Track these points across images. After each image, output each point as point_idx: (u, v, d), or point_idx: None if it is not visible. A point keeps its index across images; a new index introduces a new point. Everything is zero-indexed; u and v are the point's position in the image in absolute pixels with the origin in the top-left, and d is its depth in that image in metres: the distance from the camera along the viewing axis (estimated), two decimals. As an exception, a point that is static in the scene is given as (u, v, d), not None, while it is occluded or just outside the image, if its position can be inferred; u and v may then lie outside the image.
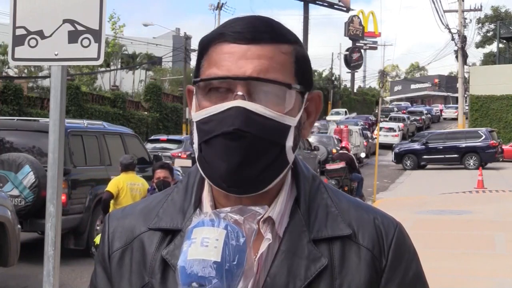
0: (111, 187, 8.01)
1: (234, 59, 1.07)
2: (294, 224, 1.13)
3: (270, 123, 1.07)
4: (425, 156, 28.80)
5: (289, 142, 1.10)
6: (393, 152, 30.03)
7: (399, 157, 29.22)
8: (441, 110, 62.49)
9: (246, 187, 1.08)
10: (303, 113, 1.15)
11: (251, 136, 1.05)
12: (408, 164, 28.77)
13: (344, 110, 52.90)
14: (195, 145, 1.11)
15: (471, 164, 27.50)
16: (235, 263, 1.00)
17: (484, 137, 28.20)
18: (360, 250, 1.13)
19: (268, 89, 1.07)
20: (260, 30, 1.09)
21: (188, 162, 18.31)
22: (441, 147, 28.57)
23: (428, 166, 28.99)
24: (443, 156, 28.36)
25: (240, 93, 1.06)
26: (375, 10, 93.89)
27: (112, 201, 7.92)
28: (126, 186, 7.99)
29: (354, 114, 51.27)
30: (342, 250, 1.12)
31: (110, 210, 7.24)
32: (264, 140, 1.07)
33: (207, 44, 1.12)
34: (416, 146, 29.75)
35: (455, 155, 28.08)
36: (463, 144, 28.24)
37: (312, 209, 1.15)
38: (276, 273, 1.09)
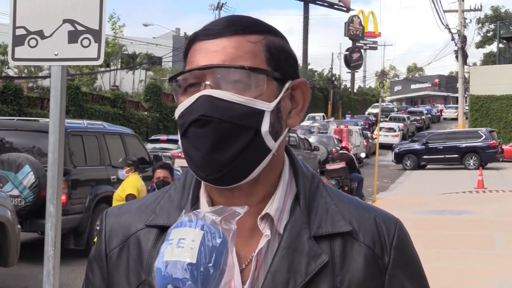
0: (133, 190, 7.76)
1: (204, 54, 1.11)
2: (295, 221, 1.13)
3: (238, 108, 1.07)
4: (425, 156, 28.80)
5: (265, 127, 1.09)
6: (393, 152, 30.03)
7: (399, 157, 29.22)
8: (441, 110, 62.48)
9: (224, 174, 1.08)
10: (288, 101, 1.15)
11: (217, 120, 1.07)
12: (408, 164, 28.77)
13: (321, 114, 51.25)
14: (179, 143, 1.14)
15: (471, 164, 27.49)
16: (211, 264, 0.98)
17: (484, 137, 28.20)
18: (361, 248, 1.13)
19: (235, 76, 1.09)
20: (228, 24, 1.13)
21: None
22: (441, 147, 28.57)
23: (428, 166, 28.99)
24: (443, 156, 28.36)
25: (207, 82, 1.09)
26: (374, 10, 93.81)
27: None
28: (141, 187, 7.92)
29: (332, 119, 50.05)
30: (343, 247, 1.13)
31: None
32: (232, 124, 1.07)
33: (187, 48, 1.17)
34: (416, 146, 29.74)
35: (455, 155, 28.08)
36: (463, 144, 28.24)
37: (312, 207, 1.15)
38: (277, 270, 1.10)
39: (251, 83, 1.09)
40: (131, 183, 7.91)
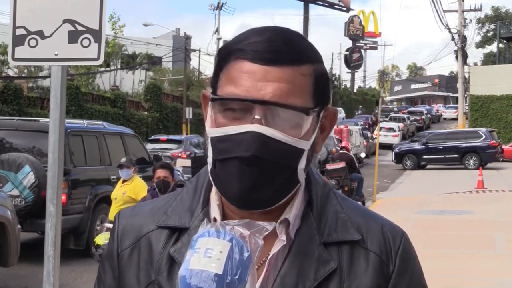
0: (145, 192, 7.80)
1: (253, 81, 1.07)
2: (306, 227, 1.15)
3: (286, 148, 1.08)
4: (425, 156, 28.81)
5: (302, 165, 1.11)
6: (393, 152, 30.04)
7: (399, 157, 29.23)
8: (437, 110, 62.44)
9: (256, 206, 1.10)
10: (318, 130, 1.15)
11: (266, 161, 1.06)
12: (408, 164, 28.78)
13: None
14: (210, 159, 1.12)
15: (471, 164, 27.49)
16: (236, 277, 0.99)
17: (484, 137, 28.20)
18: (368, 255, 1.16)
19: (286, 114, 1.07)
20: (280, 50, 1.08)
21: (189, 162, 18.34)
22: (441, 147, 28.57)
23: (428, 166, 28.99)
24: (443, 156, 28.36)
25: (257, 117, 1.06)
26: (374, 10, 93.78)
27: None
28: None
29: (359, 111, 50.35)
30: (350, 254, 1.15)
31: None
32: (278, 164, 1.08)
33: (225, 57, 1.12)
34: (416, 146, 29.75)
35: (455, 155, 28.08)
36: (463, 144, 28.23)
37: (323, 214, 1.17)
38: (286, 274, 1.12)
39: (301, 123, 1.09)
40: (142, 184, 8.10)
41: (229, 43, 1.13)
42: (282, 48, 1.08)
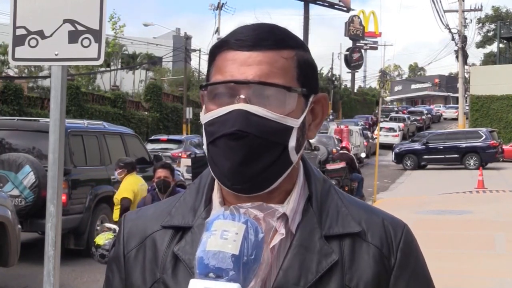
0: (128, 193, 7.85)
1: (237, 66, 1.14)
2: (307, 221, 1.18)
3: (271, 124, 1.12)
4: (425, 156, 28.79)
5: (292, 143, 1.15)
6: (393, 152, 30.03)
7: (400, 157, 29.22)
8: (437, 111, 62.37)
9: (250, 185, 1.13)
10: (308, 115, 1.20)
11: (251, 136, 1.11)
12: (408, 164, 28.77)
13: None
14: (204, 146, 1.17)
15: (472, 164, 27.48)
16: (252, 257, 1.04)
17: (484, 137, 28.19)
18: (369, 248, 1.18)
19: (269, 92, 1.12)
20: (261, 37, 1.15)
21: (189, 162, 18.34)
22: (442, 147, 28.56)
23: (429, 166, 28.98)
24: (443, 156, 28.34)
25: (242, 96, 1.12)
26: (374, 10, 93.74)
27: None
28: (139, 188, 7.97)
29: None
30: (352, 247, 1.17)
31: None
32: (265, 140, 1.12)
33: (214, 51, 1.19)
34: (417, 146, 29.74)
35: (456, 155, 28.07)
36: (463, 144, 28.22)
37: (323, 208, 1.20)
38: (289, 267, 1.14)
39: (284, 100, 1.14)
40: (127, 185, 7.97)
41: (219, 40, 1.20)
42: (263, 34, 1.15)
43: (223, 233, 1.04)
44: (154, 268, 1.20)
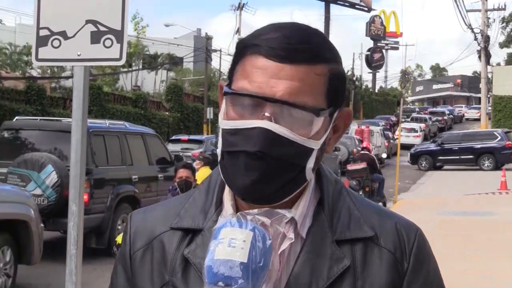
0: (199, 181, 7.94)
1: (266, 77, 1.07)
2: (318, 225, 1.15)
3: (293, 146, 1.08)
4: (440, 157, 28.53)
5: (310, 164, 1.11)
6: (409, 153, 29.82)
7: (415, 158, 28.99)
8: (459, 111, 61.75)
9: (262, 201, 1.10)
10: (330, 131, 1.15)
11: (272, 157, 1.07)
12: (423, 165, 28.51)
13: None
14: (219, 150, 1.13)
15: (487, 165, 27.22)
16: (261, 264, 1.03)
17: (499, 138, 27.85)
18: (382, 252, 1.15)
19: (296, 113, 1.07)
20: (295, 48, 1.07)
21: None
22: (457, 148, 28.29)
23: (448, 167, 28.70)
24: (458, 157, 28.06)
25: (267, 114, 1.06)
26: (395, 10, 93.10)
27: None
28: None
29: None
30: (364, 252, 1.14)
31: None
32: (284, 162, 1.08)
33: (242, 50, 1.12)
34: (432, 147, 29.50)
35: (471, 156, 27.78)
36: (478, 145, 27.92)
37: (335, 212, 1.17)
38: (299, 273, 1.11)
39: (311, 122, 1.09)
40: (199, 174, 8.99)
41: (247, 37, 1.13)
42: (297, 46, 1.08)
43: (231, 241, 1.03)
44: (163, 271, 1.17)
